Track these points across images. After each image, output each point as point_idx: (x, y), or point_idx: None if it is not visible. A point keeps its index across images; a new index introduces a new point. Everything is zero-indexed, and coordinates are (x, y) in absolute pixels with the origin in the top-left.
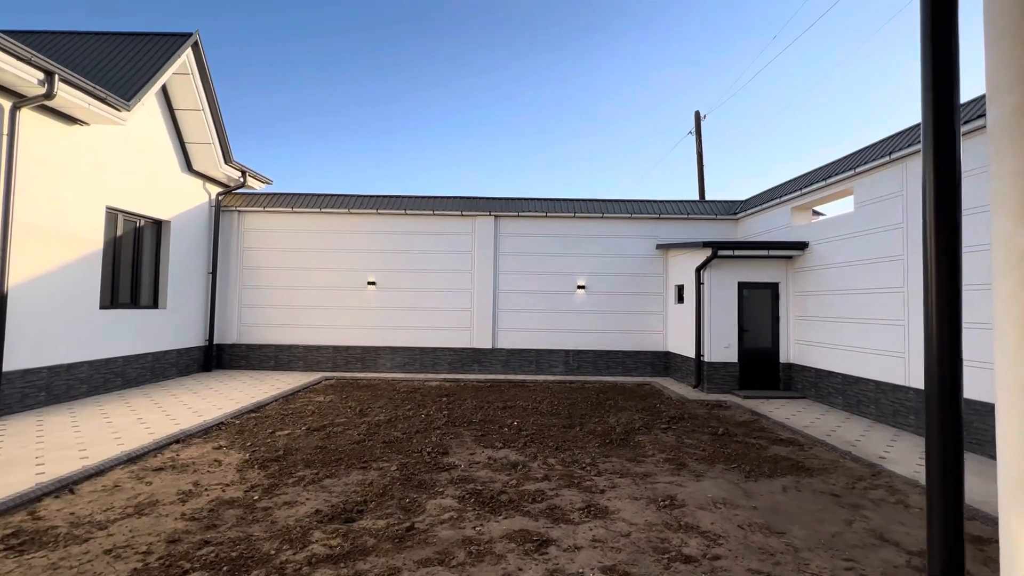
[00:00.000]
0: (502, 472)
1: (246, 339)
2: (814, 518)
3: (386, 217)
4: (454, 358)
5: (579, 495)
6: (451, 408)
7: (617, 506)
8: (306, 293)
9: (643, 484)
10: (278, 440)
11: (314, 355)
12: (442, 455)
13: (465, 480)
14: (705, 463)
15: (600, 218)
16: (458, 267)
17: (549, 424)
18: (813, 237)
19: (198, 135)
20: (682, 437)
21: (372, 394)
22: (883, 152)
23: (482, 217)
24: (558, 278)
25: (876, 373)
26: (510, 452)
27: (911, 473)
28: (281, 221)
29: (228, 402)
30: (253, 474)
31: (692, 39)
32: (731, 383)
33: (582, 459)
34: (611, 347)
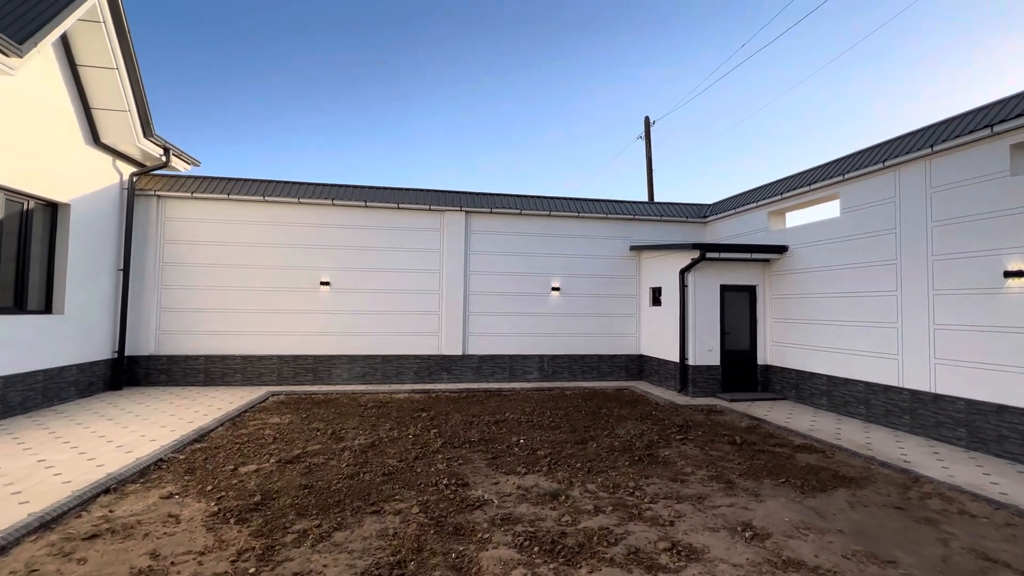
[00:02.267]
0: (544, 505)
1: (167, 349)
2: (906, 539)
3: (343, 209)
4: (421, 366)
5: (650, 531)
6: (437, 425)
7: (702, 542)
8: (246, 295)
9: (706, 510)
10: (246, 480)
11: (255, 366)
12: (462, 487)
13: (508, 520)
14: (750, 479)
15: (576, 217)
16: (425, 266)
17: (558, 440)
18: (793, 241)
19: (109, 100)
20: (705, 449)
21: (336, 412)
22: (876, 159)
23: (452, 212)
24: (532, 279)
25: (866, 374)
26: (539, 478)
27: (945, 477)
28: (214, 210)
29: (159, 430)
30: (232, 533)
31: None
32: (714, 386)
33: (623, 483)
34: (586, 351)
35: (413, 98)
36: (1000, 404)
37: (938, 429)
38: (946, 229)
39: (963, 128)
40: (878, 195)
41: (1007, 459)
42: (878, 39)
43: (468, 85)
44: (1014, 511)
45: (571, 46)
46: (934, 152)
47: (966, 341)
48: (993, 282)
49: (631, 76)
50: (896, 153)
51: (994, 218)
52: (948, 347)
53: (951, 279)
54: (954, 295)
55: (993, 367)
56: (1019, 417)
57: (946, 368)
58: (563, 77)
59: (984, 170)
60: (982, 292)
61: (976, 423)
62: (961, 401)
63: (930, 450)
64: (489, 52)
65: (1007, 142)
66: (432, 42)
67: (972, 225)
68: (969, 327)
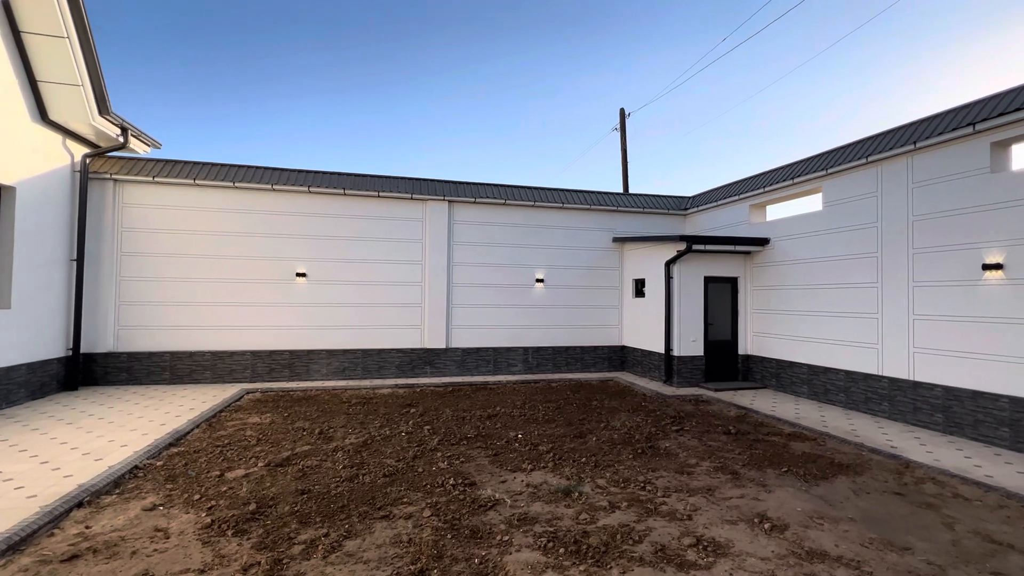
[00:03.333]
0: (558, 503)
1: (128, 346)
2: (914, 524)
3: (320, 197)
4: (403, 360)
5: (671, 526)
6: (429, 422)
7: (724, 536)
8: (215, 287)
9: (719, 503)
10: (236, 486)
11: (226, 363)
12: (470, 486)
13: (525, 520)
14: (754, 468)
15: (560, 208)
16: (407, 257)
17: (556, 434)
18: (774, 234)
19: (59, 72)
20: (703, 440)
21: (319, 409)
22: (859, 154)
23: (434, 202)
24: (516, 271)
25: (846, 363)
26: (546, 475)
27: (932, 462)
28: (179, 196)
29: (129, 434)
30: (231, 546)
31: (619, 42)
32: (698, 376)
33: (632, 476)
34: (570, 343)
35: (391, 88)
36: (975, 390)
37: (916, 415)
38: (927, 223)
39: (945, 126)
40: (861, 189)
41: (982, 442)
42: (861, 35)
43: (443, 76)
44: (1003, 493)
45: (548, 36)
46: (917, 148)
47: (945, 331)
48: (971, 275)
49: (609, 69)
50: (879, 149)
51: (974, 213)
52: (927, 336)
53: (931, 271)
54: (934, 287)
55: (969, 355)
56: (993, 402)
57: (924, 356)
58: (539, 69)
59: (965, 167)
60: (961, 284)
61: (953, 408)
62: (939, 388)
63: (911, 435)
64: (464, 42)
65: (987, 140)
66: (408, 34)
67: (952, 220)
68: (948, 317)
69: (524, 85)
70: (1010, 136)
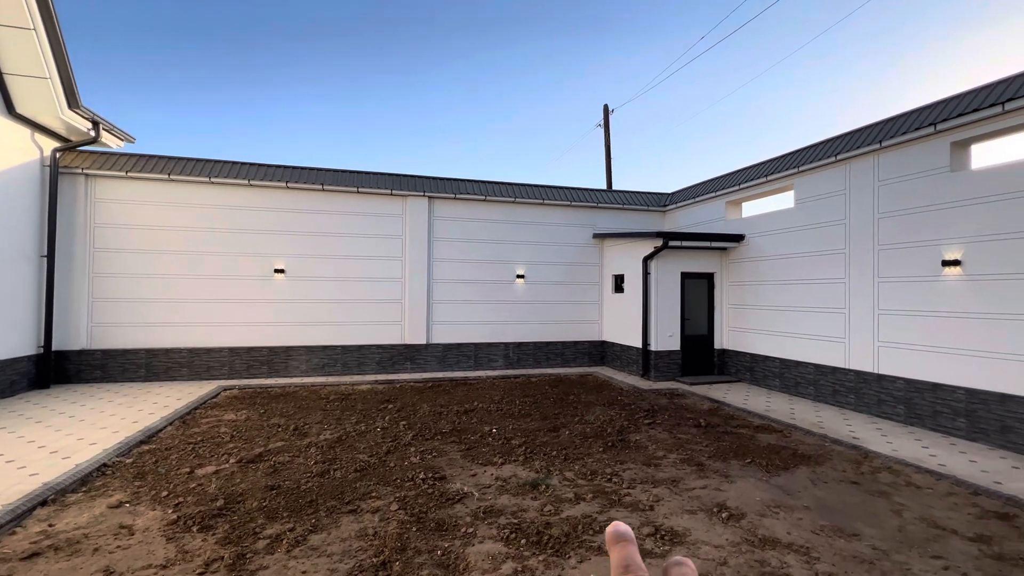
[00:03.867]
0: (524, 496)
1: (102, 343)
2: (865, 512)
3: (298, 192)
4: (383, 356)
5: (632, 516)
6: (406, 417)
7: (682, 525)
8: (191, 283)
9: (682, 493)
10: (205, 483)
11: (203, 360)
12: (439, 480)
13: (491, 512)
14: (719, 460)
15: (540, 204)
16: (387, 253)
17: (530, 428)
18: (749, 230)
19: (26, 65)
20: (674, 432)
21: (296, 406)
22: (829, 152)
23: (415, 198)
24: (497, 267)
25: (815, 357)
26: (516, 468)
27: (891, 452)
28: (153, 191)
29: (99, 432)
30: (195, 542)
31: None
32: (674, 370)
33: (600, 469)
34: (550, 338)
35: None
36: (934, 383)
37: (880, 407)
38: (892, 220)
39: (909, 125)
40: (830, 187)
41: (940, 432)
42: (838, 33)
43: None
44: (953, 481)
45: (530, 34)
46: (882, 147)
47: (907, 325)
48: (932, 270)
49: (592, 66)
50: (847, 147)
51: (934, 211)
52: (890, 330)
53: (895, 267)
54: (897, 282)
55: (929, 348)
56: (950, 394)
57: (888, 350)
58: (521, 65)
59: (927, 165)
60: (922, 280)
61: (914, 400)
62: (901, 380)
63: (874, 426)
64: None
65: (948, 140)
66: (390, 26)
67: (915, 217)
68: (910, 312)
69: (509, 80)
70: (969, 136)
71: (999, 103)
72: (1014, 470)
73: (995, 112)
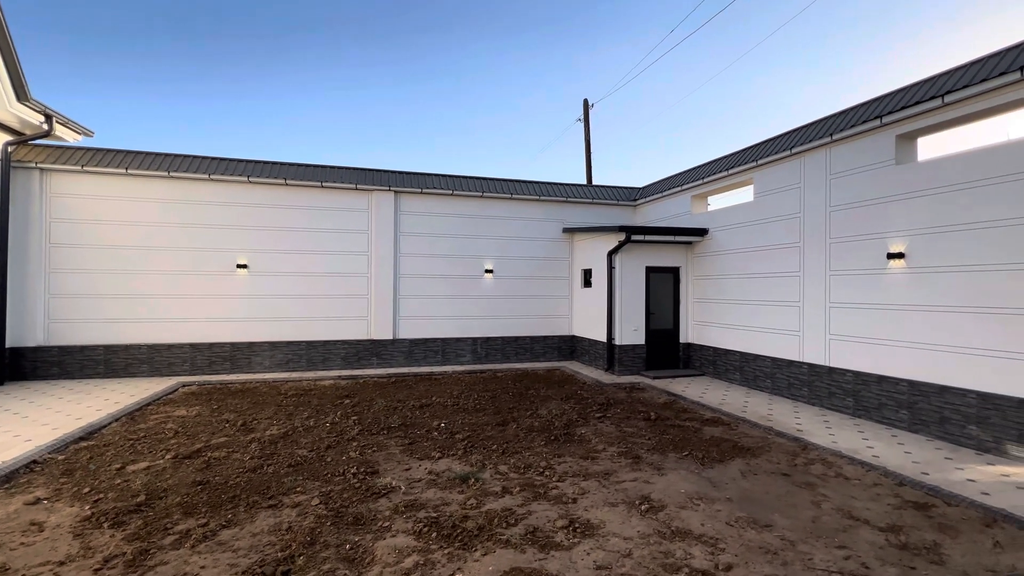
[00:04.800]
0: (452, 490)
1: (59, 340)
2: (785, 503)
3: (261, 187)
4: (349, 352)
5: (553, 508)
6: (359, 412)
7: (600, 517)
8: (152, 279)
9: (610, 486)
10: (132, 479)
11: (164, 356)
12: (372, 475)
13: (413, 506)
14: (657, 453)
15: (508, 199)
16: (353, 248)
17: (480, 423)
18: (712, 224)
19: None
20: (621, 426)
21: (252, 401)
22: (784, 146)
23: (380, 192)
24: (465, 261)
25: (772, 350)
26: (452, 462)
27: (830, 443)
28: (111, 186)
29: (40, 429)
30: (103, 538)
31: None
32: (639, 364)
33: (535, 462)
34: (519, 333)
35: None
36: (880, 375)
37: (831, 399)
38: (842, 214)
39: (858, 118)
40: (786, 181)
41: (885, 424)
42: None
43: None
44: (882, 472)
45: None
46: (833, 141)
47: (855, 318)
48: (878, 263)
49: (571, 62)
50: (801, 141)
51: (881, 204)
52: (841, 323)
53: (845, 261)
54: (847, 275)
55: (875, 341)
56: (894, 386)
57: (839, 343)
58: (501, 59)
59: (875, 158)
60: (870, 273)
61: (861, 392)
62: (850, 373)
63: (822, 419)
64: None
65: (893, 132)
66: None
67: (864, 210)
68: (858, 305)
69: (488, 72)
70: (914, 129)
71: (939, 95)
72: (946, 460)
73: (936, 105)
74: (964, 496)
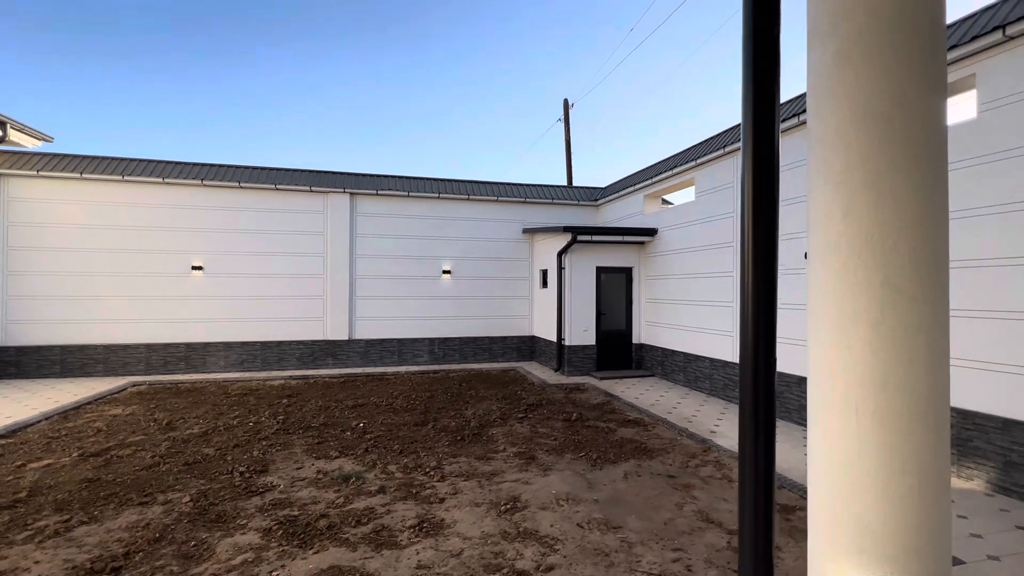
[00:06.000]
0: (330, 489)
1: (16, 340)
2: (650, 505)
3: (215, 190)
4: (304, 352)
5: (415, 508)
6: (289, 412)
7: (455, 517)
8: (108, 280)
9: (489, 486)
10: (24, 476)
11: (119, 356)
12: (260, 473)
13: (280, 504)
14: (555, 454)
15: (466, 200)
16: (308, 250)
17: (400, 423)
18: (661, 224)
19: None
20: (536, 426)
21: (193, 401)
22: (719, 145)
23: (335, 194)
24: (422, 263)
25: (710, 351)
26: (346, 462)
27: (732, 445)
28: (67, 190)
29: None
30: None
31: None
32: (589, 365)
33: (427, 462)
34: (478, 333)
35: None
36: (800, 376)
37: None
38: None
39: (786, 114)
40: (722, 180)
41: (803, 427)
42: None
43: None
44: None
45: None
46: None
47: (780, 319)
48: (798, 263)
49: (552, 62)
50: (734, 139)
51: (798, 202)
52: None
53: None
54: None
55: (794, 342)
56: None
57: None
58: (485, 58)
59: (798, 156)
60: (791, 272)
61: (784, 395)
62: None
63: None
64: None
65: None
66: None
67: (787, 208)
68: (781, 305)
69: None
70: None
71: None
72: None
73: None
74: None
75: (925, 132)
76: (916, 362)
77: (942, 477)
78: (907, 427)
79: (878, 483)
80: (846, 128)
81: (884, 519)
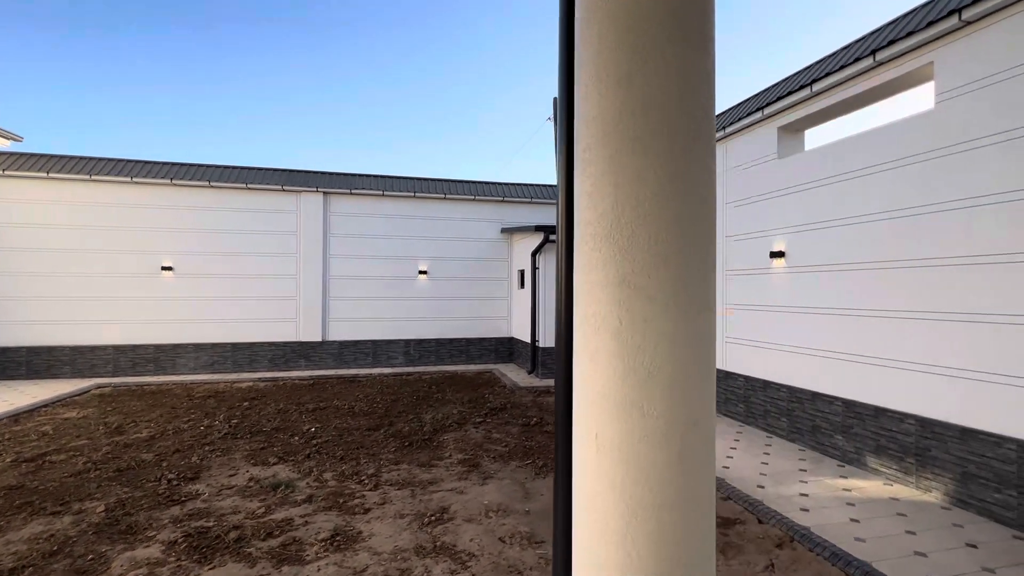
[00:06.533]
0: (255, 498)
1: None
2: None
3: (185, 189)
4: (276, 354)
5: (335, 520)
6: (247, 415)
7: (373, 530)
8: (75, 281)
9: (422, 495)
10: None
11: (87, 357)
12: (189, 481)
13: (197, 515)
14: (500, 461)
15: (442, 199)
16: (280, 250)
17: (353, 427)
18: None
19: None
20: (491, 432)
21: (151, 403)
22: None
23: (308, 193)
24: (398, 263)
25: None
26: (283, 468)
27: None
28: (33, 190)
29: None
30: None
31: None
32: None
33: (365, 469)
34: (455, 335)
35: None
36: (766, 380)
37: (727, 406)
38: (736, 210)
39: (745, 111)
40: None
41: (767, 432)
42: None
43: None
44: (717, 484)
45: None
46: (727, 135)
47: (745, 319)
48: (764, 262)
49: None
50: None
51: (767, 200)
52: (735, 325)
53: (738, 259)
54: (740, 275)
55: (759, 344)
56: (776, 392)
57: (733, 346)
58: (476, 59)
59: (760, 153)
60: (757, 272)
61: (751, 399)
62: (741, 378)
63: None
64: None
65: (775, 125)
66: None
67: (753, 207)
68: (748, 306)
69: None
70: (793, 120)
71: (807, 84)
72: (799, 472)
73: (805, 95)
74: (778, 513)
75: (671, 96)
76: (656, 377)
77: (693, 513)
78: (645, 456)
79: (616, 531)
80: (590, 91)
81: (623, 569)
